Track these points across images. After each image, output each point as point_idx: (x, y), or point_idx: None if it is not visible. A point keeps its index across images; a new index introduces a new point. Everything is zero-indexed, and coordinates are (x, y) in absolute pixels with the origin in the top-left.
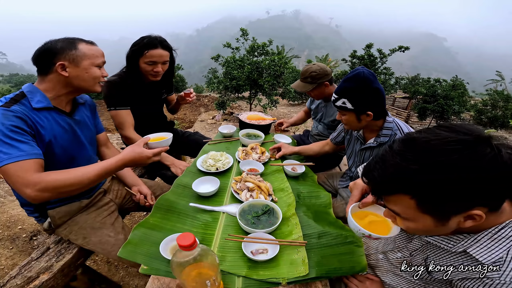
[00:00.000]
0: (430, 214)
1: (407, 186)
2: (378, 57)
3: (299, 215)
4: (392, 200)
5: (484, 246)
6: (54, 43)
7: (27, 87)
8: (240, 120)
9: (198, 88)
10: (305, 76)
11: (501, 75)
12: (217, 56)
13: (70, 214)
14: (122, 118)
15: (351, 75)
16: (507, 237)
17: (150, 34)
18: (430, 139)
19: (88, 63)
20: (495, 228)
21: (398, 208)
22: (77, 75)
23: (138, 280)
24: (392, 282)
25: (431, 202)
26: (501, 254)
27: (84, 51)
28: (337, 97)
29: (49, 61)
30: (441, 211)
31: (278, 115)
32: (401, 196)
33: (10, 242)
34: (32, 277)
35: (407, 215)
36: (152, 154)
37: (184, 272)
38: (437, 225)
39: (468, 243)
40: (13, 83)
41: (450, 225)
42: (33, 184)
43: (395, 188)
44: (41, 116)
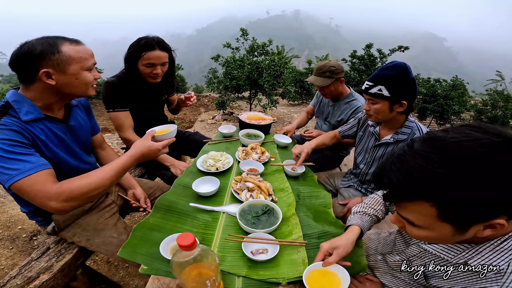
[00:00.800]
0: (451, 223)
1: (431, 193)
2: (378, 57)
3: (299, 215)
4: (408, 207)
5: (486, 258)
6: (32, 46)
7: (11, 95)
8: (240, 120)
9: (198, 88)
10: (324, 70)
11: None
12: (217, 56)
13: (74, 218)
14: (121, 120)
15: (390, 65)
16: (510, 248)
17: (147, 35)
18: (460, 139)
19: (77, 67)
20: (498, 240)
21: (414, 216)
22: (65, 83)
23: (138, 280)
24: (391, 284)
25: (455, 210)
26: (503, 265)
27: (69, 54)
28: (372, 84)
29: (30, 68)
30: (464, 219)
31: (278, 115)
32: (421, 203)
33: (10, 242)
34: (32, 277)
35: (422, 223)
36: (162, 147)
37: (184, 272)
38: (454, 234)
39: (469, 255)
40: (13, 83)
41: (468, 233)
42: (55, 195)
43: (415, 194)
44: (36, 127)
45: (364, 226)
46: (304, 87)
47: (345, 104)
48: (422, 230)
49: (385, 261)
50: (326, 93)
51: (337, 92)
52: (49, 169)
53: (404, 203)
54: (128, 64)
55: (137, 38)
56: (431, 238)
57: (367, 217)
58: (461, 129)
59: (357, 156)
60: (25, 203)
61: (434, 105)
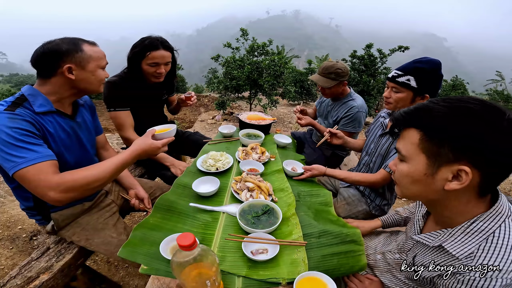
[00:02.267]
0: (426, 154)
1: (421, 119)
2: (378, 57)
3: (299, 215)
4: (403, 136)
5: (458, 241)
6: (57, 44)
7: (27, 89)
8: (240, 120)
9: (198, 88)
10: (330, 71)
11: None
12: (217, 56)
13: (73, 217)
14: (122, 119)
15: (424, 59)
16: (479, 230)
17: (150, 34)
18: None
19: (94, 65)
20: (467, 222)
21: (403, 144)
22: (83, 78)
23: (138, 280)
24: (390, 283)
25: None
26: (473, 248)
27: (89, 53)
28: (402, 73)
29: (54, 63)
30: (437, 153)
31: (278, 115)
32: (412, 130)
33: (10, 242)
34: (32, 277)
35: (406, 152)
36: (161, 145)
37: (184, 272)
38: (426, 172)
39: (443, 237)
40: (13, 83)
41: (438, 178)
42: (56, 185)
43: (410, 121)
44: (46, 119)
45: (387, 221)
46: (304, 87)
47: (343, 104)
48: (405, 164)
49: (385, 259)
50: (327, 93)
51: (337, 93)
52: (53, 161)
53: (402, 132)
54: (132, 64)
55: (140, 38)
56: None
57: (397, 217)
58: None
59: (365, 147)
60: (25, 198)
61: None
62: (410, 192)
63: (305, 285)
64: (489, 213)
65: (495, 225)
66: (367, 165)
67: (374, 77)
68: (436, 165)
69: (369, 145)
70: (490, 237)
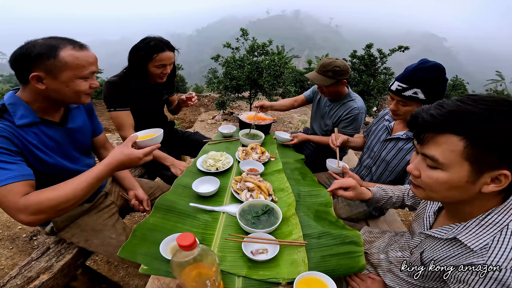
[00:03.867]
0: (471, 162)
1: (464, 126)
2: (378, 57)
3: (299, 215)
4: (437, 141)
5: (473, 233)
6: (31, 47)
7: (8, 98)
8: (240, 120)
9: (198, 88)
10: (327, 69)
11: (501, 75)
12: (217, 56)
13: (72, 218)
14: (122, 119)
15: (428, 66)
16: (494, 223)
17: (149, 35)
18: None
19: (70, 75)
20: (482, 215)
21: (440, 151)
22: (55, 89)
23: (138, 280)
24: (392, 283)
25: (480, 146)
26: (488, 240)
27: (66, 60)
28: (407, 86)
29: (24, 69)
30: (482, 160)
31: (278, 115)
32: (450, 136)
33: (10, 242)
34: (32, 277)
35: (445, 159)
36: (143, 155)
37: (184, 272)
38: (468, 180)
39: (458, 230)
40: (13, 83)
41: (478, 184)
42: (24, 208)
43: (449, 125)
44: (28, 131)
45: (376, 193)
46: (304, 87)
47: (342, 105)
48: (441, 172)
49: (387, 258)
50: (325, 92)
51: (336, 93)
52: (28, 181)
53: (434, 137)
54: (137, 66)
55: (141, 40)
56: (446, 181)
57: (382, 192)
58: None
59: (366, 150)
60: None
61: None
62: (441, 196)
63: (305, 285)
64: (504, 206)
65: (509, 217)
66: (369, 168)
67: (374, 77)
68: (480, 171)
69: (371, 148)
70: (504, 229)
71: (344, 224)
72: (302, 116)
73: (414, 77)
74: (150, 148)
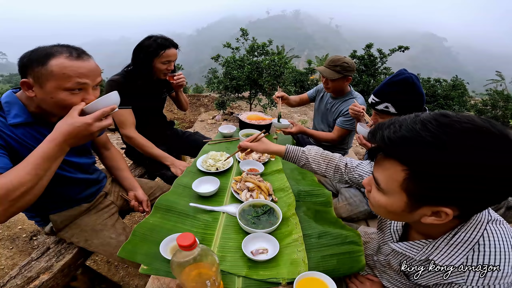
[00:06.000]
0: (409, 194)
1: (409, 156)
2: (378, 57)
3: (299, 215)
4: (384, 165)
5: (445, 253)
6: (29, 52)
7: (5, 96)
8: (240, 120)
9: (198, 88)
10: (336, 64)
11: (501, 75)
12: (217, 56)
13: (72, 218)
14: (124, 117)
15: (398, 79)
16: (463, 241)
17: (151, 34)
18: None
19: (53, 85)
20: (449, 234)
21: (383, 176)
22: (41, 98)
23: (138, 280)
24: (388, 284)
25: (420, 182)
26: (462, 260)
27: (52, 69)
28: (379, 100)
29: (22, 73)
30: (422, 196)
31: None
32: (395, 164)
33: (10, 242)
34: (32, 277)
35: (386, 186)
36: (92, 120)
37: (184, 272)
38: (405, 209)
39: (429, 251)
40: (13, 83)
41: (416, 214)
42: None
43: (396, 152)
44: (19, 132)
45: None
46: (304, 87)
47: (343, 102)
48: (382, 195)
49: (379, 260)
50: (330, 86)
51: (339, 89)
52: None
53: (383, 160)
54: (143, 62)
55: (146, 38)
56: (384, 206)
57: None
58: (469, 115)
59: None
60: None
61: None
62: (386, 217)
63: (305, 285)
64: (469, 223)
65: (477, 234)
66: None
67: (374, 77)
68: (417, 205)
69: None
70: (476, 246)
71: (344, 224)
72: (302, 116)
73: (385, 91)
74: (101, 111)
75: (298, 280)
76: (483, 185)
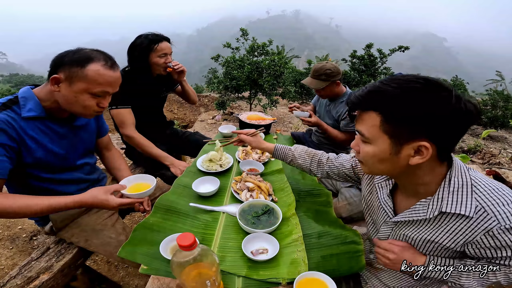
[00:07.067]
0: (388, 135)
1: (378, 102)
2: (378, 57)
3: (299, 215)
4: (362, 118)
5: (453, 201)
6: (73, 52)
7: (23, 91)
8: (240, 120)
9: (198, 88)
10: (320, 73)
11: (501, 75)
12: (217, 56)
13: (71, 218)
14: (124, 116)
15: None
16: (459, 186)
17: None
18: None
19: (82, 87)
20: (444, 185)
21: (365, 127)
22: (65, 94)
23: (138, 280)
24: (388, 281)
25: (393, 120)
26: (474, 203)
27: (87, 72)
28: None
29: (53, 68)
30: (398, 133)
31: (278, 115)
32: (371, 113)
33: (10, 242)
34: (32, 277)
35: (370, 135)
36: (118, 205)
37: (184, 272)
38: (391, 151)
39: (437, 205)
40: (13, 83)
41: (402, 156)
42: None
43: (367, 103)
44: (32, 125)
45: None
46: (304, 87)
47: (341, 103)
48: (369, 145)
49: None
50: (322, 94)
51: (333, 93)
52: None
53: (361, 114)
54: (140, 59)
55: (136, 38)
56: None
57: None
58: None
59: None
60: None
61: None
62: (378, 169)
63: (305, 285)
64: (454, 171)
65: (467, 178)
66: None
67: (374, 77)
68: (399, 143)
69: None
70: (474, 188)
71: (344, 224)
72: None
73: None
74: (130, 201)
75: (298, 280)
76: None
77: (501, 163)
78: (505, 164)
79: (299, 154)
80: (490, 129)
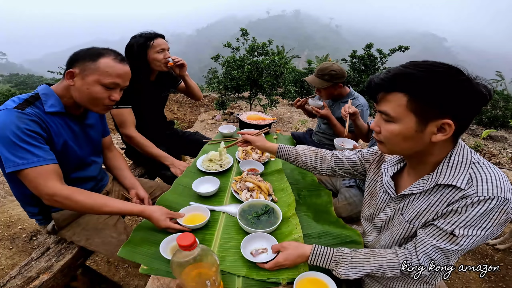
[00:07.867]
0: (415, 113)
1: (406, 84)
2: (378, 57)
3: (299, 215)
4: (387, 99)
5: (449, 174)
6: (85, 49)
7: (43, 89)
8: (240, 120)
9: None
10: (324, 73)
11: (501, 75)
12: (217, 56)
13: (74, 217)
14: (125, 116)
15: None
16: (459, 162)
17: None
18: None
19: (94, 78)
20: (445, 159)
21: (390, 107)
22: (78, 87)
23: (138, 280)
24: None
25: (421, 100)
26: (467, 176)
27: (99, 65)
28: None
29: (69, 64)
30: (425, 112)
31: (278, 115)
32: (397, 94)
33: (10, 242)
34: (32, 277)
35: (396, 114)
36: (166, 227)
37: (184, 272)
38: (417, 129)
39: (435, 178)
40: (13, 83)
41: (426, 133)
42: (51, 193)
43: (395, 85)
44: (54, 120)
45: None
46: (304, 87)
47: (345, 102)
48: (394, 124)
49: None
50: (322, 94)
51: (334, 95)
52: (53, 165)
53: (385, 96)
54: (138, 57)
55: (130, 38)
56: (398, 132)
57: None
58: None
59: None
60: (26, 199)
61: None
62: (400, 148)
63: (305, 285)
64: (457, 148)
65: (468, 156)
66: None
67: None
68: (425, 121)
69: None
70: (472, 165)
71: (344, 223)
72: (302, 116)
73: None
74: (177, 227)
75: (298, 280)
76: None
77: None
78: (505, 164)
79: (303, 152)
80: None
